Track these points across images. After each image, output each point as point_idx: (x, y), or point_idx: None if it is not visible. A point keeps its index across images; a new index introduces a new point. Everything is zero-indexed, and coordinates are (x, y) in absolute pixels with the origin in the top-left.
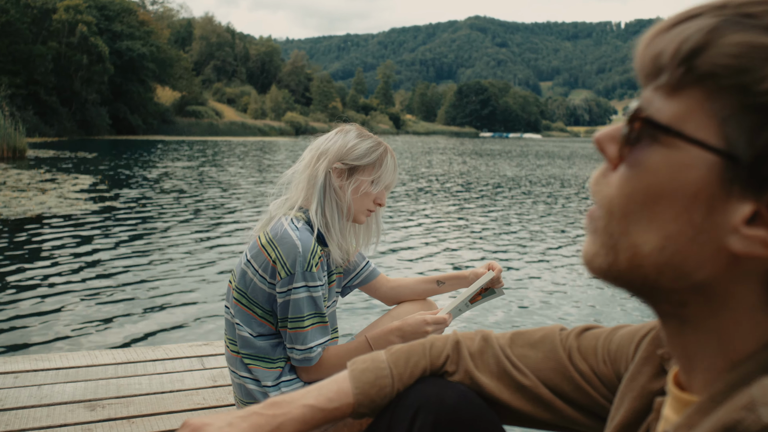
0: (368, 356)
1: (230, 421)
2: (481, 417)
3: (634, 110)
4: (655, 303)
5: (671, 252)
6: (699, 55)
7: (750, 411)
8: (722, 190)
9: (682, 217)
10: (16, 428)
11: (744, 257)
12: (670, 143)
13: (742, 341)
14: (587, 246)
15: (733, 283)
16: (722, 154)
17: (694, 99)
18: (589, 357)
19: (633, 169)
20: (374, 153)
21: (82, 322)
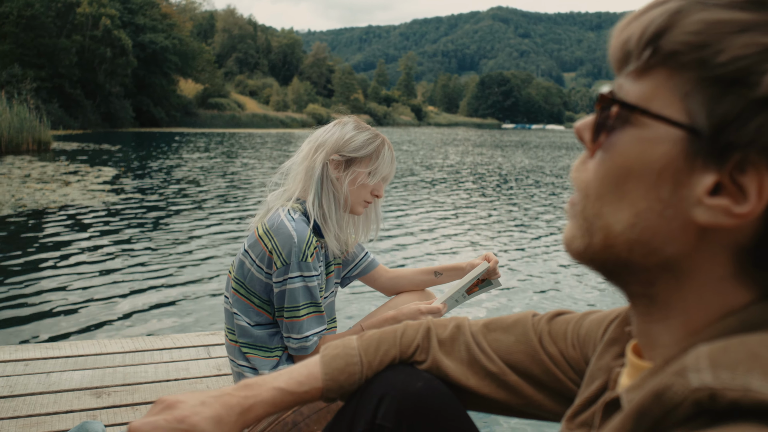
0: (340, 342)
1: (203, 400)
2: (445, 406)
3: (603, 93)
4: (626, 284)
5: (641, 228)
6: (663, 36)
7: (680, 376)
8: (686, 163)
9: (651, 193)
10: (24, 414)
11: (710, 228)
12: (639, 122)
13: (704, 313)
14: (567, 230)
15: (700, 257)
16: (685, 128)
17: (659, 78)
18: (559, 341)
19: (606, 152)
20: (371, 145)
21: (94, 312)
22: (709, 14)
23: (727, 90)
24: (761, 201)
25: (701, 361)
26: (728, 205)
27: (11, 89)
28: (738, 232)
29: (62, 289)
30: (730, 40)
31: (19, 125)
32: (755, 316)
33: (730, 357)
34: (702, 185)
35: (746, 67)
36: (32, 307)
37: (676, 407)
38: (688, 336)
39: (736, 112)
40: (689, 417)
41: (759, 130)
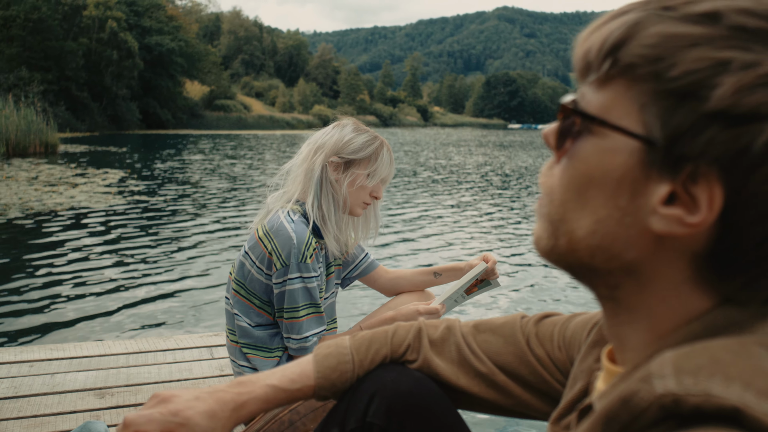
0: (333, 341)
1: (197, 395)
2: (435, 403)
3: (563, 103)
4: (593, 286)
5: (601, 235)
6: (621, 48)
7: (646, 382)
8: (643, 173)
9: (610, 201)
10: (28, 414)
11: (665, 236)
12: (599, 132)
13: (669, 318)
14: (536, 229)
15: (659, 263)
16: (641, 139)
17: (618, 89)
18: (546, 343)
19: (570, 159)
20: (370, 147)
21: (98, 313)
22: (664, 27)
23: (680, 103)
24: (711, 212)
25: (665, 367)
26: (681, 214)
27: (18, 92)
28: (693, 240)
29: (67, 291)
30: (683, 54)
31: (27, 128)
32: (717, 321)
33: (692, 363)
34: (657, 195)
35: (697, 81)
36: (37, 308)
37: (642, 413)
38: (655, 340)
39: (688, 125)
40: (656, 422)
41: (709, 142)
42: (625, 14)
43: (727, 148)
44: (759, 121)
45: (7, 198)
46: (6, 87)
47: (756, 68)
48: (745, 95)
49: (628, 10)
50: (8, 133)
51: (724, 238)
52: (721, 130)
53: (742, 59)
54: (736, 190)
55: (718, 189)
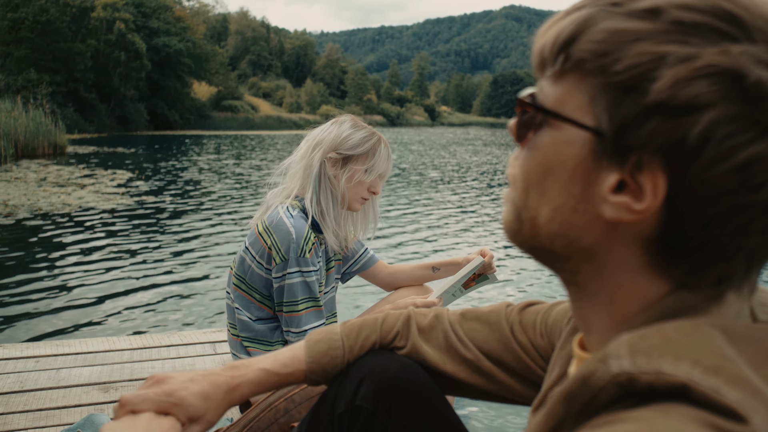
0: (324, 329)
1: (192, 377)
2: (422, 388)
3: (520, 98)
4: (556, 270)
5: (559, 222)
6: (572, 44)
7: (602, 363)
8: (594, 163)
9: (565, 190)
10: (34, 408)
11: (616, 223)
12: (555, 124)
13: (628, 303)
14: (504, 213)
15: (614, 248)
16: (591, 131)
17: (571, 83)
18: (529, 330)
19: (530, 150)
20: (368, 143)
21: (104, 310)
22: (611, 23)
23: (625, 96)
24: (656, 199)
25: (621, 348)
26: (629, 202)
27: (27, 94)
28: (643, 226)
29: (73, 288)
30: (626, 49)
31: (35, 129)
32: (673, 305)
33: (646, 343)
34: (607, 183)
35: (639, 75)
36: (44, 305)
37: (600, 391)
38: (617, 325)
39: (632, 117)
40: (613, 400)
41: (651, 133)
42: (578, 11)
43: (667, 139)
44: (695, 113)
45: (16, 199)
46: (15, 89)
47: (692, 61)
48: (681, 87)
49: (581, 6)
50: (17, 135)
51: (671, 224)
52: (662, 121)
53: (679, 53)
54: (678, 178)
55: (662, 177)
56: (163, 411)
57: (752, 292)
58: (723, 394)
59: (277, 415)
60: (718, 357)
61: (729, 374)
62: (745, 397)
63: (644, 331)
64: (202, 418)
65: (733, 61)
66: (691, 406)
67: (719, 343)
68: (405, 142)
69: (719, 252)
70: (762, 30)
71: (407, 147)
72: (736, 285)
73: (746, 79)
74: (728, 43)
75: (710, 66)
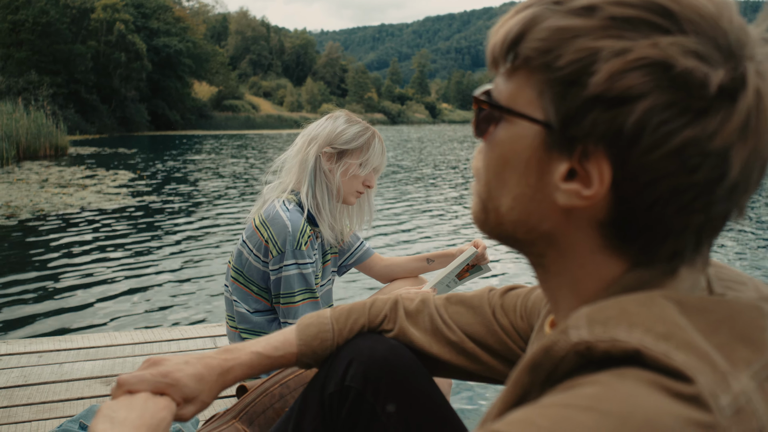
0: (315, 313)
1: (186, 360)
2: (408, 369)
3: (475, 95)
4: (525, 254)
5: (519, 210)
6: (520, 42)
7: (563, 333)
8: (545, 154)
9: (522, 180)
10: (37, 401)
11: (570, 209)
12: (510, 119)
13: (589, 282)
14: (472, 206)
15: (572, 232)
16: (541, 124)
17: (521, 80)
18: (510, 313)
19: (489, 144)
20: (362, 137)
21: (105, 306)
22: (553, 21)
23: (568, 90)
24: (603, 184)
25: (580, 319)
26: (579, 188)
27: (28, 96)
28: (595, 211)
29: (75, 286)
30: (566, 45)
31: (37, 131)
32: (630, 282)
33: (603, 314)
34: (558, 172)
35: (579, 69)
36: (46, 303)
37: (561, 360)
38: (582, 303)
39: (575, 109)
40: (574, 368)
41: (593, 124)
42: (525, 10)
43: (608, 128)
44: (630, 103)
45: (19, 200)
46: (16, 91)
47: (626, 55)
48: (616, 80)
49: (528, 5)
50: (19, 137)
51: (619, 207)
52: (601, 112)
53: (613, 47)
54: (621, 165)
55: (606, 164)
56: (159, 391)
57: (706, 265)
58: (672, 358)
59: (273, 400)
60: (669, 325)
61: (678, 340)
62: (692, 361)
63: (602, 304)
64: (197, 398)
65: (663, 52)
66: (643, 369)
67: (671, 312)
68: (405, 140)
69: (667, 230)
70: (693, 21)
71: (405, 144)
72: (688, 260)
73: (674, 68)
74: (660, 35)
75: (642, 58)
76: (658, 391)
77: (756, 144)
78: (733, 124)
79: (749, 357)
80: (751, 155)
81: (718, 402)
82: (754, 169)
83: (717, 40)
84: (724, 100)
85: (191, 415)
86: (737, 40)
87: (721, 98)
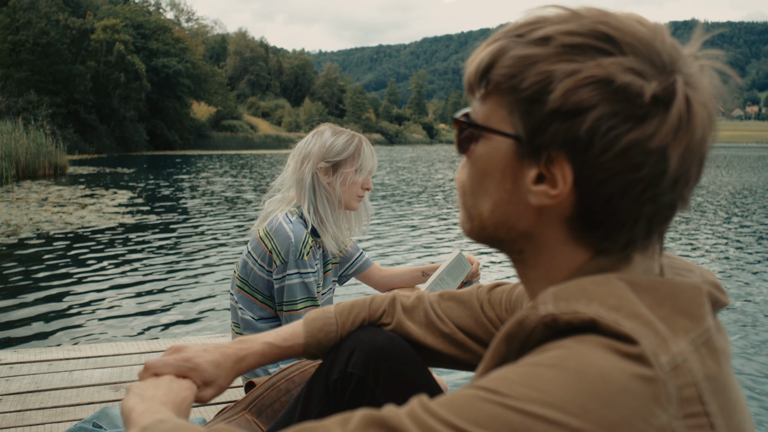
0: (320, 309)
1: (205, 348)
2: (405, 357)
3: (456, 117)
4: (506, 252)
5: (499, 213)
6: (490, 70)
7: (533, 309)
8: (518, 163)
9: (500, 187)
10: (50, 405)
11: (541, 207)
12: (486, 136)
13: (559, 271)
14: (460, 216)
15: (544, 228)
16: (512, 137)
17: (494, 102)
18: (496, 306)
19: (471, 159)
20: (351, 145)
21: (112, 317)
22: (516, 51)
23: (532, 107)
24: (566, 184)
25: (547, 296)
26: (547, 189)
27: (28, 115)
28: (562, 207)
29: (81, 301)
30: (528, 70)
31: (36, 150)
32: (592, 269)
33: (566, 292)
34: (529, 177)
35: (539, 90)
36: (54, 315)
37: (532, 330)
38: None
39: (539, 122)
40: (543, 338)
41: (554, 134)
42: (494, 42)
43: (566, 137)
44: (582, 114)
45: (18, 219)
46: (15, 110)
47: (576, 75)
48: (570, 95)
49: (496, 39)
50: (18, 156)
51: (581, 203)
52: (560, 123)
53: (566, 69)
54: (580, 167)
55: (568, 167)
56: (182, 374)
57: (658, 255)
58: (621, 325)
59: (279, 394)
60: (620, 299)
61: (627, 311)
62: (638, 327)
63: (565, 285)
64: (215, 382)
65: (605, 70)
66: (598, 336)
67: (622, 290)
68: (404, 158)
69: (622, 220)
70: (630, 44)
71: (396, 166)
72: (640, 247)
73: (615, 83)
74: (603, 57)
75: (589, 77)
76: (610, 351)
77: (689, 142)
78: (667, 126)
79: (688, 326)
80: (686, 152)
81: (659, 360)
82: (692, 164)
83: (651, 58)
84: (659, 107)
85: (210, 397)
86: (669, 57)
87: (656, 105)
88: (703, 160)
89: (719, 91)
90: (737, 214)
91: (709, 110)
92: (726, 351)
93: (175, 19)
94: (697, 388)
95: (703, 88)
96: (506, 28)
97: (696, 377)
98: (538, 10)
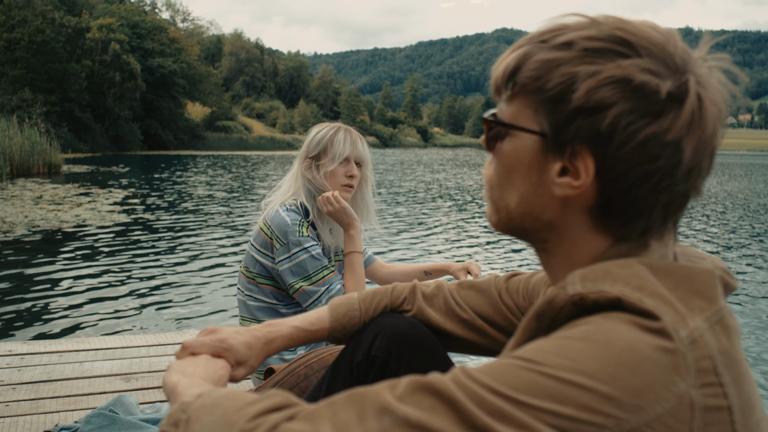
0: (344, 296)
1: (237, 330)
2: (425, 341)
3: (485, 117)
4: (531, 242)
5: (525, 205)
6: (516, 73)
7: (562, 289)
8: (543, 157)
9: (526, 180)
10: (63, 394)
11: (566, 198)
12: (513, 134)
13: (582, 258)
14: (486, 210)
15: (567, 218)
16: (538, 134)
17: (520, 102)
18: (513, 294)
19: (499, 156)
20: (326, 136)
21: (119, 311)
22: (541, 55)
23: (556, 105)
24: (588, 176)
25: (575, 278)
26: (570, 181)
27: (22, 113)
28: (584, 198)
29: (85, 296)
30: (553, 72)
31: (30, 149)
32: (613, 254)
33: (593, 274)
34: (554, 170)
35: (564, 89)
36: (61, 310)
37: (561, 309)
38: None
39: (563, 119)
40: (571, 315)
41: (578, 129)
42: (519, 48)
43: (589, 132)
44: (603, 110)
45: (13, 216)
46: (10, 108)
47: (597, 75)
48: (592, 94)
49: (521, 45)
50: (12, 154)
51: (603, 193)
52: (583, 120)
53: (588, 70)
54: (602, 159)
55: (590, 160)
56: (217, 354)
57: (672, 240)
58: (644, 302)
59: (298, 380)
60: (642, 280)
61: (649, 290)
62: (659, 305)
63: (591, 267)
64: (246, 363)
65: (624, 71)
66: (623, 312)
67: (644, 272)
68: (401, 161)
69: (640, 209)
70: (646, 47)
71: (394, 169)
72: (657, 235)
73: (633, 82)
74: (622, 59)
75: (609, 77)
76: (634, 326)
77: (701, 135)
78: (682, 121)
79: (702, 306)
80: (699, 144)
81: (678, 334)
82: (704, 156)
83: (665, 60)
84: (674, 103)
85: (242, 376)
86: (681, 59)
87: (671, 102)
88: (714, 152)
89: (727, 90)
90: (725, 222)
91: (719, 107)
92: (737, 329)
93: (170, 20)
94: (713, 360)
95: (713, 87)
96: (529, 35)
97: (711, 351)
98: (558, 18)
